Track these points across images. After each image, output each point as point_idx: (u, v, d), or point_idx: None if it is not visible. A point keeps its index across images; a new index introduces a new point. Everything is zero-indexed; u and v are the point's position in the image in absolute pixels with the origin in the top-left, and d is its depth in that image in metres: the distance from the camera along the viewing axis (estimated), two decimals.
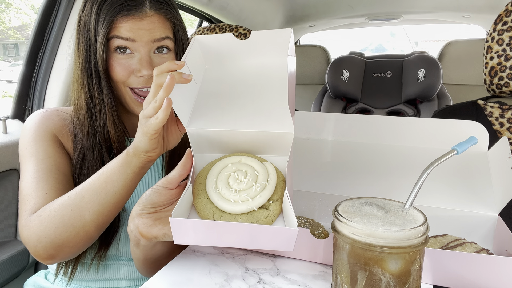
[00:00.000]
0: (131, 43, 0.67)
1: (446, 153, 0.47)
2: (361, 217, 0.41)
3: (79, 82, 0.69)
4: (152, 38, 0.68)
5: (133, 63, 0.68)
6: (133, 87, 0.69)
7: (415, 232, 0.39)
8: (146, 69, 0.67)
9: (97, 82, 0.68)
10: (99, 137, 0.70)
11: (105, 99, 0.68)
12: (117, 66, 0.68)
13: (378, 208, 0.43)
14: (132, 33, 0.67)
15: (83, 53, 0.68)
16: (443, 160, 0.46)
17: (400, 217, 0.42)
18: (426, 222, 0.40)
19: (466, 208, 0.63)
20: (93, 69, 0.68)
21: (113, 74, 0.68)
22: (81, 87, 0.69)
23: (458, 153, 0.49)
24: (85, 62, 0.68)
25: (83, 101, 0.69)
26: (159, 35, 0.69)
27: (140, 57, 0.68)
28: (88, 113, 0.69)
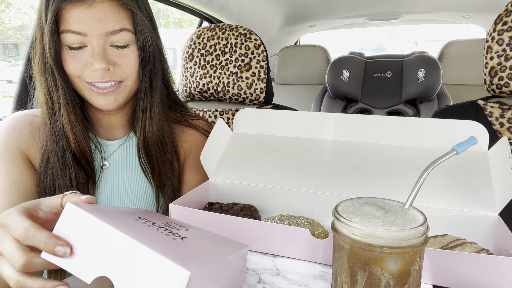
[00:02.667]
0: (82, 37, 0.62)
1: (446, 153, 0.47)
2: (360, 217, 0.41)
3: (38, 79, 0.66)
4: (104, 31, 0.62)
5: (86, 56, 0.63)
6: (89, 82, 0.65)
7: (415, 232, 0.39)
8: (98, 62, 0.62)
9: (53, 78, 0.64)
10: (61, 138, 0.66)
11: (61, 95, 0.65)
12: (69, 60, 0.63)
13: (378, 208, 0.43)
14: (82, 25, 0.61)
15: (39, 48, 0.64)
16: (443, 160, 0.46)
17: (400, 217, 0.42)
18: (426, 222, 0.40)
19: (466, 208, 0.63)
20: (46, 64, 0.64)
21: (66, 68, 0.64)
22: (40, 84, 0.66)
23: (458, 153, 0.49)
24: (40, 58, 0.64)
25: (43, 100, 0.66)
26: (112, 26, 0.62)
27: (92, 50, 0.63)
28: (49, 112, 0.66)
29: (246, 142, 0.82)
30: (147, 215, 0.46)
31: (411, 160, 0.69)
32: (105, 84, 0.65)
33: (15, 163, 0.66)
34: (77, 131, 0.66)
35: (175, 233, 0.41)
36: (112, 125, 0.76)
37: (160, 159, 0.75)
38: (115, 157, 0.75)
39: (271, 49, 2.61)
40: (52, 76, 0.64)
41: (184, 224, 0.48)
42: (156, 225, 0.42)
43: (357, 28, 3.13)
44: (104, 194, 0.73)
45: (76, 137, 0.66)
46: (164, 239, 0.38)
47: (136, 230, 0.37)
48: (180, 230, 0.43)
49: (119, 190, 0.74)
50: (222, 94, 1.15)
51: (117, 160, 0.75)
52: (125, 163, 0.75)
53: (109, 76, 0.65)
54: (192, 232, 0.45)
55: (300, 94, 2.40)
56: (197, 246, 0.40)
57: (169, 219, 0.48)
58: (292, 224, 0.66)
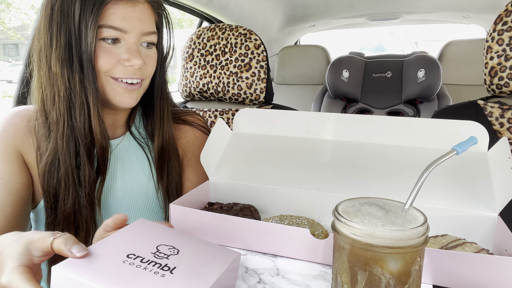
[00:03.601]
0: (121, 33, 0.63)
1: (446, 153, 0.47)
2: (361, 217, 0.41)
3: (57, 73, 0.62)
4: (143, 31, 0.65)
5: (121, 52, 0.64)
6: (117, 77, 0.65)
7: (415, 232, 0.39)
8: (136, 58, 0.64)
9: (80, 72, 0.62)
10: (78, 134, 0.64)
11: (88, 91, 0.63)
12: (102, 54, 0.63)
13: (378, 208, 0.43)
14: (125, 23, 0.63)
15: (61, 40, 0.61)
16: (443, 160, 0.46)
17: (400, 217, 0.42)
18: (426, 222, 0.40)
19: (466, 208, 0.63)
20: (75, 58, 0.62)
21: (98, 63, 0.63)
22: (60, 79, 0.62)
23: (458, 153, 0.49)
24: (65, 51, 0.62)
25: (61, 95, 0.63)
26: (148, 28, 0.66)
27: (128, 46, 0.64)
28: (67, 107, 0.63)
29: (246, 142, 0.82)
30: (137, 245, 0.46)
31: (411, 160, 0.69)
32: (133, 80, 0.67)
33: (7, 159, 0.65)
34: (103, 127, 0.66)
35: (165, 266, 0.42)
36: (113, 124, 0.76)
37: (169, 159, 0.76)
38: (115, 157, 0.75)
39: (271, 49, 2.61)
40: (81, 70, 0.62)
41: (175, 242, 0.48)
42: (145, 261, 0.42)
43: (357, 28, 3.13)
44: (106, 194, 0.72)
45: (102, 132, 0.65)
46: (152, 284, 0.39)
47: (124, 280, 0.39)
48: (171, 257, 0.44)
49: (120, 189, 0.74)
50: (222, 94, 1.15)
51: (116, 160, 0.75)
52: (124, 164, 0.75)
53: (140, 73, 0.67)
54: (183, 255, 0.45)
55: (300, 94, 2.40)
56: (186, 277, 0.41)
57: (161, 241, 0.48)
58: (292, 224, 0.66)
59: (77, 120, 0.63)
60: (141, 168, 0.76)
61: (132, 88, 0.67)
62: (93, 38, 0.61)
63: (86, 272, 0.39)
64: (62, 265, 0.39)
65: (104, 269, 0.40)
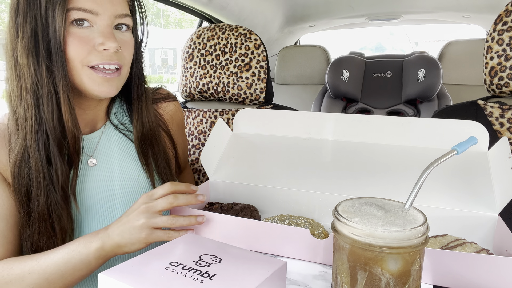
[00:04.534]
0: (92, 16, 0.60)
1: (446, 153, 0.47)
2: (361, 217, 0.41)
3: (23, 64, 0.59)
4: (115, 13, 0.62)
5: (94, 36, 0.61)
6: (94, 65, 0.62)
7: (415, 232, 0.39)
8: (111, 41, 0.61)
9: (48, 60, 0.59)
10: (47, 126, 0.61)
11: (57, 78, 0.60)
12: (75, 41, 0.60)
13: (378, 208, 0.43)
14: (94, 4, 0.60)
15: (27, 29, 0.58)
16: (443, 160, 0.46)
17: (400, 217, 0.42)
18: (426, 222, 0.40)
19: (466, 208, 0.63)
20: (41, 46, 0.58)
21: (70, 50, 0.60)
22: (26, 70, 0.59)
23: (458, 153, 0.49)
24: (31, 41, 0.58)
25: (28, 87, 0.59)
26: (120, 10, 0.63)
27: (101, 29, 0.61)
28: (34, 99, 0.60)
29: (246, 142, 0.82)
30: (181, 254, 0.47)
31: (411, 160, 0.69)
32: (111, 66, 0.64)
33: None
34: (74, 115, 0.63)
35: (205, 273, 0.43)
36: (93, 118, 0.73)
37: (156, 143, 0.76)
38: (100, 149, 0.72)
39: (271, 49, 2.61)
40: (48, 57, 0.59)
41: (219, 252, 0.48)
42: (186, 268, 0.44)
43: (357, 28, 3.13)
44: (94, 189, 0.69)
45: (73, 120, 0.62)
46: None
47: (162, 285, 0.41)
48: (212, 265, 0.45)
49: (110, 182, 0.71)
50: (222, 94, 1.15)
51: (102, 152, 0.72)
52: (113, 156, 0.73)
53: (117, 58, 0.64)
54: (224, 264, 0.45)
55: (300, 94, 2.40)
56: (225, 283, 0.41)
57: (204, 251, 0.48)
58: (292, 224, 0.66)
59: (45, 111, 0.60)
60: (128, 157, 0.74)
61: (111, 77, 0.64)
62: (62, 22, 0.58)
63: (130, 277, 0.42)
64: (108, 272, 0.43)
65: (146, 275, 0.42)
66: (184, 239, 0.52)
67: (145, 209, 0.57)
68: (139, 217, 0.57)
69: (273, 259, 0.47)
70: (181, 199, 0.59)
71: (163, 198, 0.58)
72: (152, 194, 0.59)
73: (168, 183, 0.60)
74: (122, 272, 0.43)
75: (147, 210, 0.57)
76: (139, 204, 0.58)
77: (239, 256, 0.48)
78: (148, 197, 0.59)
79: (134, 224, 0.56)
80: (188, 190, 0.61)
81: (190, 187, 0.62)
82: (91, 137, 0.72)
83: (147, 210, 0.57)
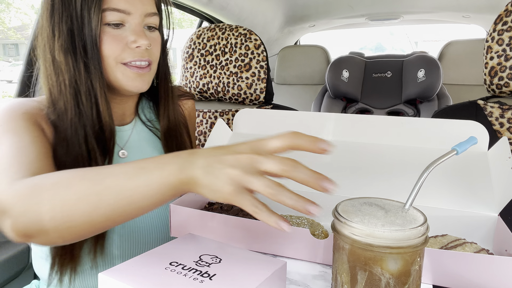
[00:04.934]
0: (125, 16, 0.64)
1: (446, 153, 0.47)
2: (361, 217, 0.41)
3: (61, 61, 0.62)
4: (145, 12, 0.66)
5: (127, 34, 0.65)
6: (127, 62, 0.66)
7: (415, 232, 0.39)
8: (142, 39, 0.65)
9: (85, 58, 0.63)
10: (86, 121, 0.64)
11: (93, 76, 0.63)
12: (109, 40, 0.64)
13: (378, 208, 0.43)
14: (127, 4, 0.64)
15: (63, 29, 0.62)
16: (443, 160, 0.46)
17: (400, 217, 0.42)
18: (426, 222, 0.40)
19: (466, 208, 0.63)
20: (78, 45, 0.62)
21: (105, 48, 0.64)
22: (64, 67, 0.62)
23: (458, 153, 0.49)
24: (68, 39, 0.62)
25: (66, 83, 0.63)
26: (150, 9, 0.67)
27: (133, 28, 0.65)
28: (73, 95, 0.63)
29: None
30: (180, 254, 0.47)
31: (411, 160, 0.69)
32: (142, 63, 0.67)
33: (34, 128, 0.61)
34: (110, 110, 0.66)
35: (205, 273, 0.43)
36: (123, 113, 0.76)
37: (180, 138, 0.79)
38: (131, 142, 0.75)
39: (271, 49, 2.61)
40: (85, 55, 0.63)
41: (219, 252, 0.48)
42: (186, 268, 0.44)
43: (357, 28, 3.13)
44: None
45: (110, 115, 0.66)
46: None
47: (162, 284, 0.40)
48: (212, 265, 0.45)
49: None
50: (222, 94, 1.15)
51: (132, 145, 0.75)
52: (142, 149, 0.76)
53: (147, 54, 0.68)
54: (224, 264, 0.45)
55: (300, 94, 2.40)
56: (225, 283, 0.41)
57: (204, 251, 0.49)
58: (292, 224, 0.66)
59: (85, 106, 0.64)
60: (155, 152, 0.77)
61: (143, 72, 0.68)
62: (98, 22, 0.62)
63: (130, 277, 0.42)
64: (108, 272, 0.42)
65: (146, 275, 0.42)
66: (184, 239, 0.52)
67: (247, 159, 0.41)
68: (236, 164, 0.40)
69: (273, 259, 0.47)
70: (301, 170, 0.43)
71: (276, 160, 0.42)
72: (264, 144, 0.44)
73: (289, 133, 0.45)
74: (122, 272, 0.43)
75: (250, 162, 0.41)
76: (245, 148, 0.42)
77: (239, 256, 0.48)
78: (259, 145, 0.43)
79: (226, 169, 0.40)
80: (315, 148, 0.44)
81: (317, 143, 0.44)
82: (123, 129, 0.75)
83: (249, 162, 0.41)
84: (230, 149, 0.42)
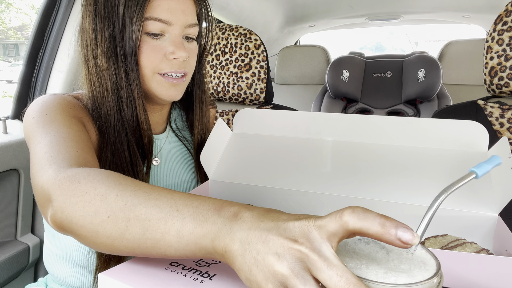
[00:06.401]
0: (166, 26, 0.63)
1: (463, 176, 0.42)
2: (356, 261, 0.33)
3: (104, 67, 0.62)
4: (186, 23, 0.65)
5: (166, 45, 0.64)
6: (164, 73, 0.65)
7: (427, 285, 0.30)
8: (181, 50, 0.63)
9: (124, 67, 0.62)
10: (128, 127, 0.64)
11: (132, 83, 0.63)
12: (148, 50, 0.63)
13: (377, 248, 0.35)
14: (169, 15, 0.62)
15: (105, 34, 0.61)
16: (461, 185, 0.40)
17: (405, 259, 0.33)
18: (440, 270, 0.32)
19: (466, 208, 0.63)
20: (119, 51, 0.62)
21: (143, 58, 0.63)
22: (107, 72, 0.62)
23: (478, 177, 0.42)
24: (110, 45, 0.62)
25: (109, 89, 0.63)
26: (191, 20, 0.66)
27: (172, 39, 0.64)
28: (115, 101, 0.63)
29: (246, 142, 0.82)
30: None
31: (411, 160, 0.69)
32: (178, 74, 0.67)
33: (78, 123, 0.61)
34: (147, 119, 0.66)
35: (205, 273, 0.43)
36: (157, 121, 0.77)
37: None
38: (164, 151, 0.76)
39: (271, 49, 2.61)
40: (125, 63, 0.62)
41: None
42: (186, 268, 0.44)
43: (357, 28, 3.13)
44: None
45: (148, 124, 0.66)
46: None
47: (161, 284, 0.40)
48: (212, 266, 0.45)
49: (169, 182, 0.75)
50: (222, 94, 1.16)
51: (165, 154, 0.76)
52: (172, 158, 0.77)
53: (184, 66, 0.67)
54: (225, 265, 0.45)
55: (300, 94, 2.40)
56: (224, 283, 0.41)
57: None
58: None
59: (126, 113, 0.64)
60: (185, 161, 0.78)
61: (178, 82, 0.67)
62: (139, 31, 0.61)
63: (130, 277, 0.42)
64: (108, 272, 0.42)
65: (146, 275, 0.42)
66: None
67: (300, 254, 0.30)
68: (283, 255, 0.30)
69: None
70: None
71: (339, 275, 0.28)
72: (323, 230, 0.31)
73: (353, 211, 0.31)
74: (122, 272, 0.43)
75: (302, 259, 0.30)
76: (298, 232, 0.31)
77: None
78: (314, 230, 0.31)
79: (269, 258, 0.31)
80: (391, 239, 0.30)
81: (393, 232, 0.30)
82: (158, 138, 0.76)
83: (301, 259, 0.30)
84: (279, 226, 0.32)
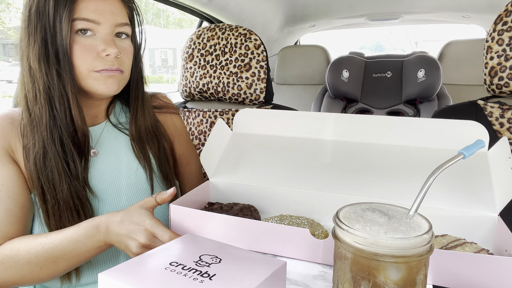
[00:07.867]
0: (95, 25, 0.67)
1: (453, 157, 0.46)
2: (362, 224, 0.40)
3: (36, 69, 0.66)
4: (115, 22, 0.69)
5: (97, 43, 0.67)
6: (99, 70, 0.68)
7: (420, 240, 0.38)
8: (112, 47, 0.67)
9: (57, 65, 0.66)
10: (60, 123, 0.67)
11: (66, 81, 0.66)
12: (80, 49, 0.66)
13: (381, 214, 0.42)
14: (97, 15, 0.66)
15: (37, 38, 0.65)
16: (450, 164, 0.45)
17: (404, 223, 0.40)
18: (431, 230, 0.39)
19: (466, 208, 0.63)
20: (51, 53, 0.65)
21: (77, 57, 0.66)
22: (38, 74, 0.66)
23: (466, 157, 0.48)
24: (41, 48, 0.65)
25: (40, 89, 0.66)
26: (120, 19, 0.70)
27: (103, 37, 0.68)
28: (47, 100, 0.67)
29: (246, 142, 0.82)
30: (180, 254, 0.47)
31: (411, 160, 0.69)
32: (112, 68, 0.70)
33: (2, 163, 0.67)
34: (82, 114, 0.69)
35: (205, 273, 0.43)
36: (96, 115, 0.79)
37: (153, 144, 0.81)
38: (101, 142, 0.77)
39: (271, 49, 2.61)
40: (57, 63, 0.66)
41: (219, 253, 0.48)
42: (186, 268, 0.44)
43: (357, 28, 3.13)
44: (96, 180, 0.73)
45: (82, 119, 0.69)
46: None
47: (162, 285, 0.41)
48: (212, 266, 0.45)
49: (111, 176, 0.75)
50: (222, 94, 1.15)
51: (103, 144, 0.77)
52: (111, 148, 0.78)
53: (117, 63, 0.70)
54: (224, 264, 0.45)
55: (300, 94, 2.40)
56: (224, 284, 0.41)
57: (204, 251, 0.49)
58: (292, 224, 0.66)
59: (58, 110, 0.67)
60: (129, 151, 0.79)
61: (112, 74, 0.70)
62: (68, 30, 0.64)
63: (130, 277, 0.42)
64: (108, 272, 0.43)
65: (146, 275, 0.42)
66: (184, 239, 0.52)
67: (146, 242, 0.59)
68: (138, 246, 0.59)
69: (273, 259, 0.47)
70: None
71: None
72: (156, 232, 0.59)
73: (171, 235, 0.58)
74: (122, 272, 0.43)
75: (148, 245, 0.59)
76: (142, 234, 0.59)
77: (239, 256, 0.48)
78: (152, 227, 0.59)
79: (130, 246, 0.60)
80: None
81: None
82: (93, 130, 0.77)
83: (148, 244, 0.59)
84: (131, 225, 0.60)
